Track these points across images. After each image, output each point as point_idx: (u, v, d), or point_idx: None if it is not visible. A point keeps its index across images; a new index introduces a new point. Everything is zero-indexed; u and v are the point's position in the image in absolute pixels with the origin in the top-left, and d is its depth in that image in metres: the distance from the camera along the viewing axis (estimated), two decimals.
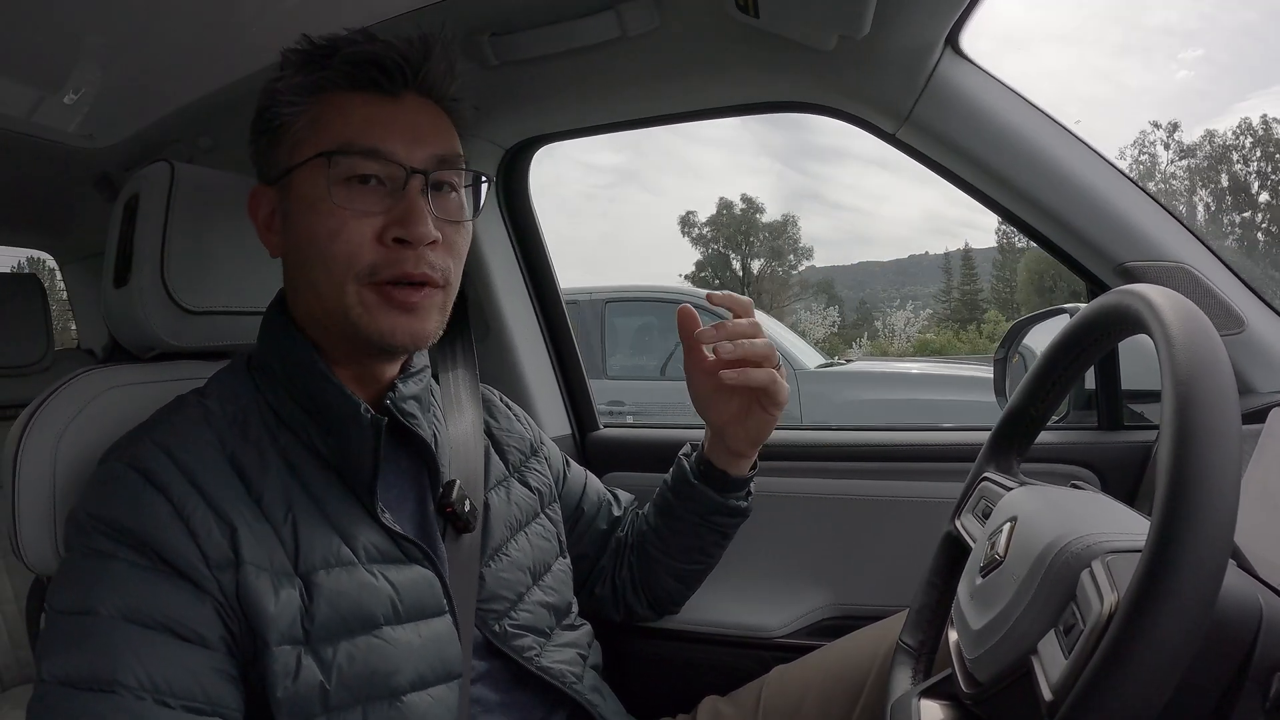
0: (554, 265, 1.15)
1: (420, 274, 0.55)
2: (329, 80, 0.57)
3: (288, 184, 0.58)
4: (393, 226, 0.55)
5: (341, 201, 0.54)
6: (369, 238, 0.55)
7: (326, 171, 0.55)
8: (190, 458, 0.53)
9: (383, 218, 0.55)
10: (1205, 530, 0.31)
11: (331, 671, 0.51)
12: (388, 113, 0.57)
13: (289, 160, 0.57)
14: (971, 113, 0.77)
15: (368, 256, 0.55)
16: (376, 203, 0.55)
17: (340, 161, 0.55)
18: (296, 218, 0.57)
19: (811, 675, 0.73)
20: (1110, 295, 0.46)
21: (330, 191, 0.54)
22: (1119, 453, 0.83)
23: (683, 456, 0.79)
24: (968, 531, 0.57)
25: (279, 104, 0.57)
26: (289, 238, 0.58)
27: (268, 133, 0.59)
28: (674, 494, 0.78)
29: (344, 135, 0.55)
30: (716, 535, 0.79)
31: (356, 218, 0.55)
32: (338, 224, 0.54)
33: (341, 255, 0.54)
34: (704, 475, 0.76)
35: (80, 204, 1.36)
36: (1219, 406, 0.33)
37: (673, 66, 0.83)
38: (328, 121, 0.56)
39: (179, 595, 0.49)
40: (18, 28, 0.85)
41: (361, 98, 0.57)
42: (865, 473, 0.94)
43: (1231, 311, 0.76)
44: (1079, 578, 0.38)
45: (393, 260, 0.55)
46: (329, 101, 0.57)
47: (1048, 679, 0.37)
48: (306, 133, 0.57)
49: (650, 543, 0.81)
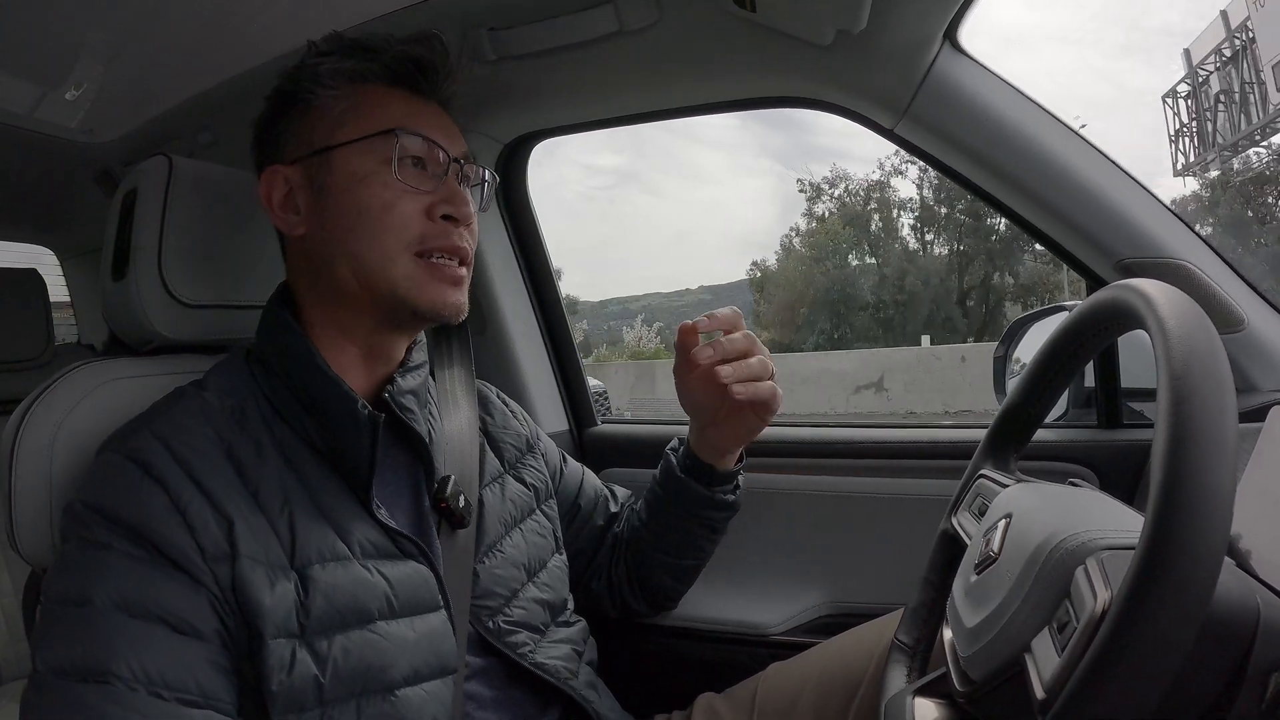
0: (552, 261, 1.14)
1: (464, 247, 0.61)
2: (372, 71, 0.61)
3: (325, 161, 0.59)
4: (441, 204, 0.60)
5: (402, 175, 0.59)
6: (419, 212, 0.59)
7: (389, 148, 0.58)
8: (188, 450, 0.53)
9: (430, 196, 0.60)
10: (1200, 526, 0.31)
11: (326, 665, 0.51)
12: (427, 110, 0.63)
13: (329, 138, 0.60)
14: (970, 108, 0.77)
15: (419, 227, 0.59)
16: (425, 182, 0.60)
17: (404, 139, 0.59)
18: (340, 193, 0.59)
19: (807, 673, 0.73)
20: (1107, 290, 0.45)
21: (392, 167, 0.58)
22: (1118, 451, 0.83)
23: (669, 451, 0.80)
24: (964, 529, 0.57)
25: (318, 84, 0.60)
26: (323, 214, 0.60)
27: (296, 112, 0.61)
28: (662, 489, 0.79)
29: (396, 120, 0.60)
30: (706, 530, 0.79)
31: (410, 193, 0.59)
32: (393, 197, 0.58)
33: (395, 226, 0.58)
34: (690, 470, 0.76)
35: (81, 199, 1.36)
36: (1215, 401, 0.33)
37: (671, 61, 0.83)
38: (372, 106, 0.60)
39: (174, 587, 0.49)
40: (20, 25, 0.85)
41: (401, 93, 0.62)
42: (862, 470, 0.94)
43: (1232, 309, 0.75)
44: (1073, 575, 0.38)
45: (440, 233, 0.60)
46: (370, 91, 0.61)
47: (1040, 677, 0.36)
48: (350, 114, 0.60)
49: (643, 539, 0.81)
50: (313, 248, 0.61)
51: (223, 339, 0.71)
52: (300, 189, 0.60)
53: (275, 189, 0.61)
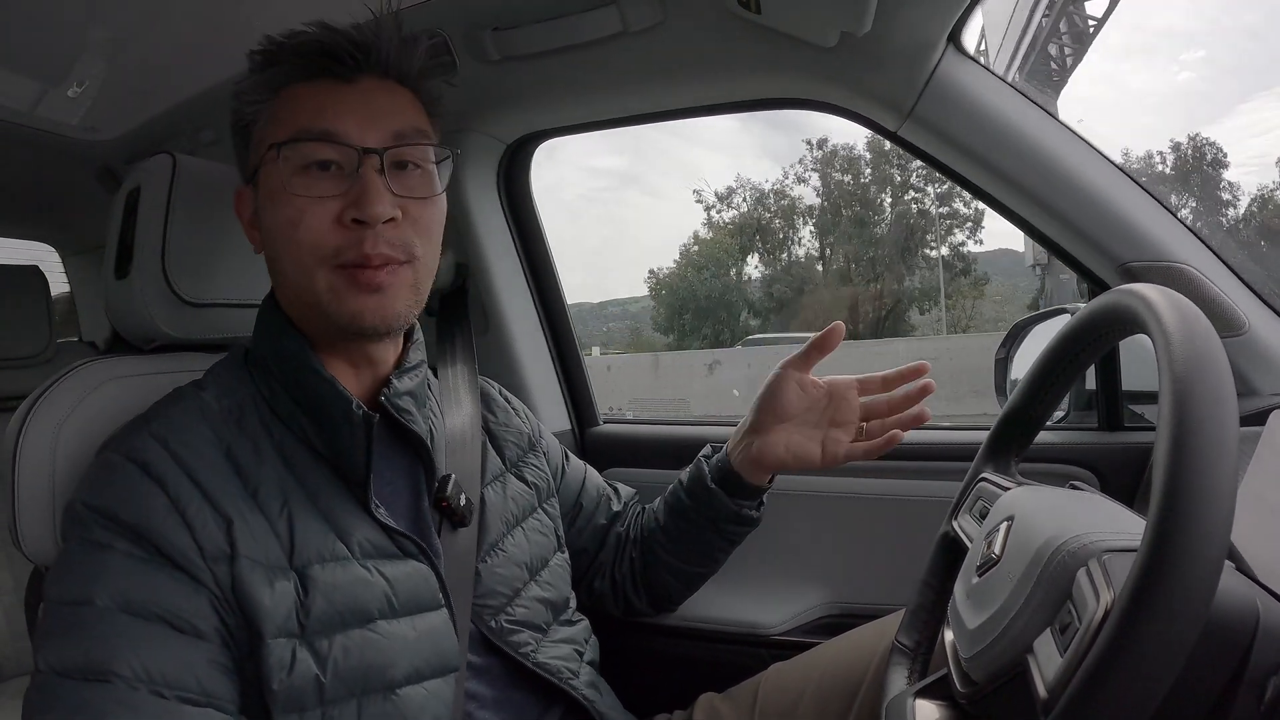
0: (554, 260, 1.15)
1: (378, 254, 0.55)
2: (284, 75, 0.57)
3: (257, 181, 0.59)
4: (349, 208, 0.55)
5: (299, 190, 0.55)
6: (329, 222, 0.55)
7: (288, 161, 0.55)
8: (187, 450, 0.53)
9: (340, 200, 0.55)
10: (1201, 528, 0.31)
11: (327, 664, 0.51)
12: (340, 97, 0.57)
13: (256, 158, 0.58)
14: (973, 110, 0.77)
15: (331, 240, 0.55)
16: (333, 187, 0.55)
17: (292, 150, 0.55)
18: (265, 213, 0.58)
19: (809, 674, 0.73)
20: (1109, 295, 0.46)
21: (289, 181, 0.55)
22: (1119, 454, 0.83)
23: (702, 459, 0.79)
24: (965, 532, 0.57)
25: (243, 104, 0.59)
26: (263, 233, 0.59)
27: (239, 134, 0.61)
28: (688, 495, 0.78)
29: (297, 124, 0.56)
30: (724, 542, 0.79)
31: (314, 204, 0.55)
32: (296, 212, 0.55)
33: (306, 242, 0.55)
34: (723, 481, 0.76)
35: (83, 196, 1.36)
36: (1216, 404, 0.33)
37: (674, 62, 0.83)
38: (284, 115, 0.57)
39: (175, 587, 0.49)
40: (23, 22, 0.85)
41: (316, 87, 0.57)
42: (864, 471, 0.94)
43: (1233, 313, 0.75)
44: (1075, 577, 0.38)
45: (353, 241, 0.55)
46: (287, 95, 0.57)
47: (1043, 678, 0.37)
48: (267, 129, 0.58)
49: (657, 541, 0.80)
50: (269, 265, 0.61)
51: (226, 337, 0.71)
52: (256, 208, 0.60)
53: (244, 209, 0.62)
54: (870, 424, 0.73)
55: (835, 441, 0.72)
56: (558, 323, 1.15)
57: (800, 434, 0.73)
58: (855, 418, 0.73)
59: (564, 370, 1.15)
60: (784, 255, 25.33)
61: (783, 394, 0.72)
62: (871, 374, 0.72)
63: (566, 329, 1.15)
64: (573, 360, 1.16)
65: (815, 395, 0.73)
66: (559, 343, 1.15)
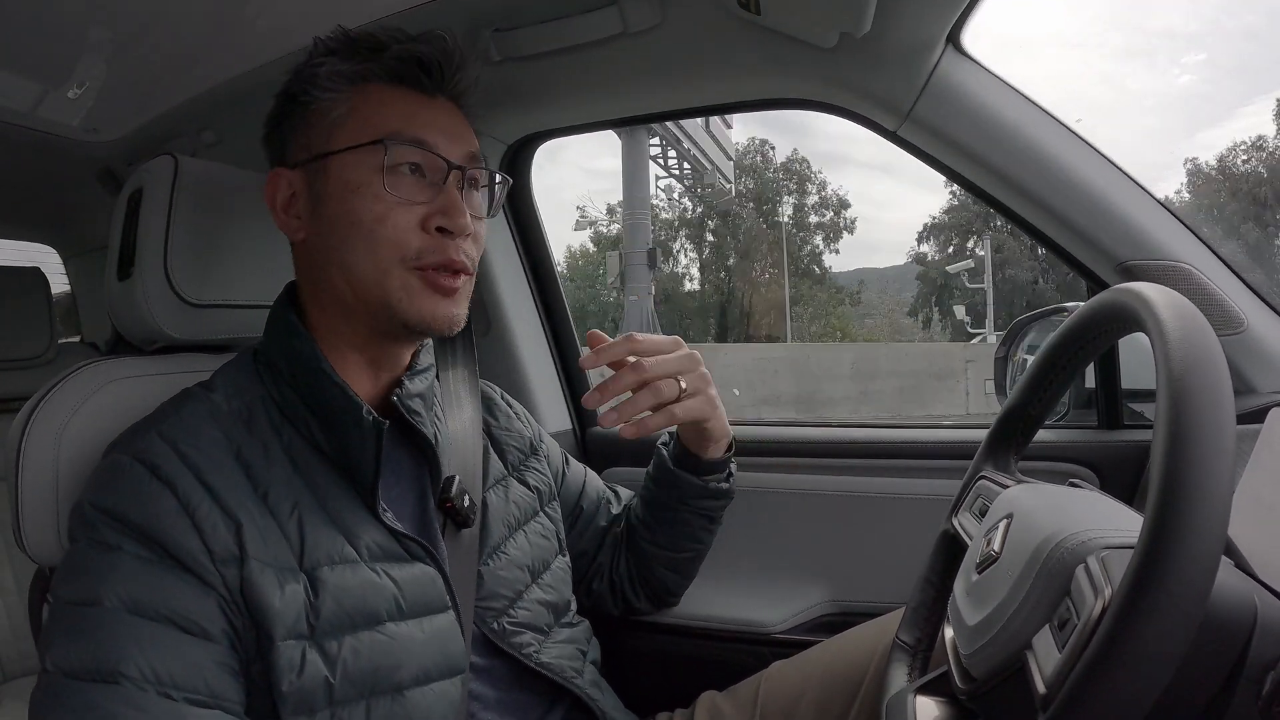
0: (555, 261, 1.15)
1: (460, 261, 0.59)
2: (372, 72, 0.59)
3: (323, 167, 0.58)
4: (436, 216, 0.57)
5: (391, 188, 0.57)
6: (414, 225, 0.57)
7: (381, 158, 0.56)
8: (196, 452, 0.53)
9: (425, 207, 0.58)
10: (1198, 525, 0.31)
11: (336, 666, 0.51)
12: (429, 110, 0.60)
13: (326, 144, 0.58)
14: (973, 111, 0.77)
15: (414, 242, 0.57)
16: (420, 192, 0.58)
17: (394, 149, 0.57)
18: (335, 202, 0.58)
19: (810, 672, 0.73)
20: (1107, 293, 0.46)
21: (382, 177, 0.56)
22: (1118, 452, 0.83)
23: (661, 446, 0.80)
24: (965, 529, 0.57)
25: (316, 87, 0.58)
26: (320, 221, 0.59)
27: (297, 115, 0.60)
28: (655, 483, 0.79)
29: (391, 125, 0.57)
30: (703, 520, 0.79)
31: (403, 205, 0.57)
32: (385, 209, 0.57)
33: (388, 239, 0.57)
34: (681, 462, 0.77)
35: (84, 198, 1.37)
36: (1213, 401, 0.33)
37: (674, 62, 0.83)
38: (370, 111, 0.58)
39: (183, 588, 0.49)
40: (23, 23, 0.85)
41: (402, 93, 0.59)
42: (864, 469, 0.95)
43: (1232, 311, 0.76)
44: (1073, 574, 0.38)
45: (435, 247, 0.58)
46: (370, 92, 0.59)
47: (1041, 674, 0.37)
48: (347, 119, 0.58)
49: (640, 535, 0.81)
50: (313, 253, 0.60)
51: (229, 339, 0.71)
52: (301, 194, 0.60)
53: (279, 191, 0.61)
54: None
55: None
56: (558, 323, 1.15)
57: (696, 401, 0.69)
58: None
59: (565, 371, 1.16)
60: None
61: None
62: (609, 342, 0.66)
63: (568, 329, 1.16)
64: (574, 361, 1.16)
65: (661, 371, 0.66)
66: (560, 343, 1.15)
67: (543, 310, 1.14)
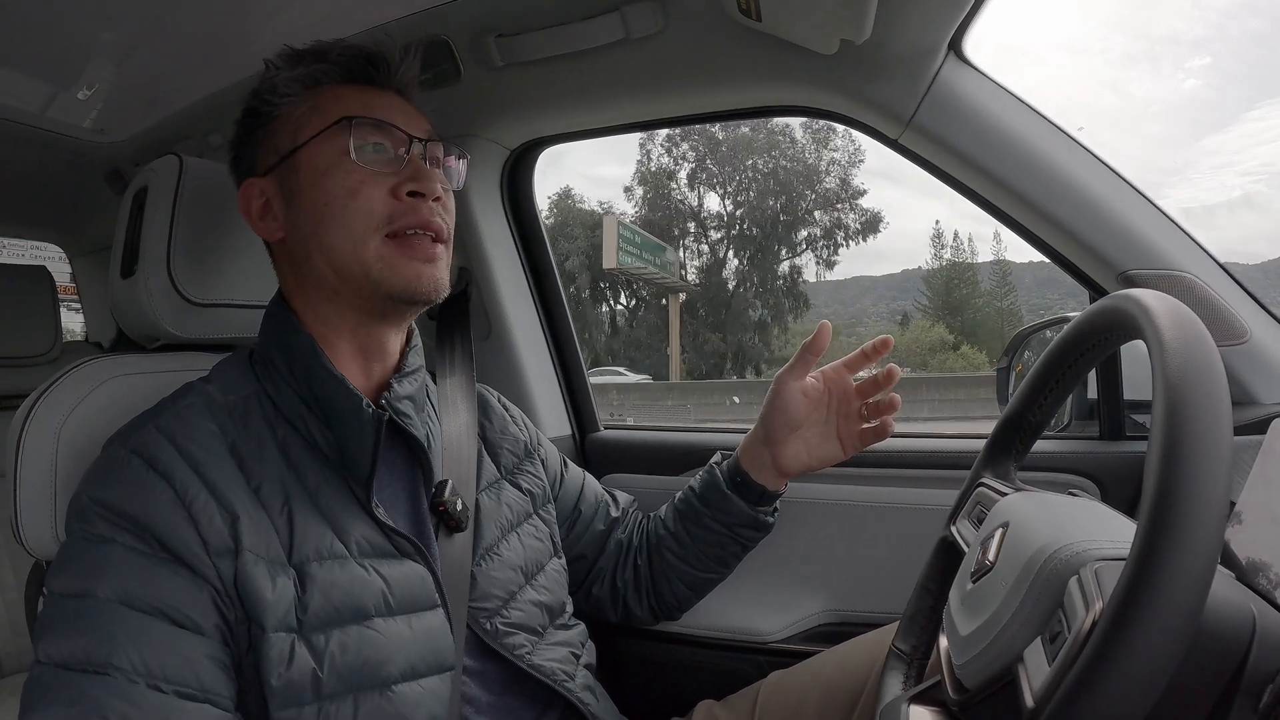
0: (556, 266, 1.15)
1: (435, 223, 0.60)
2: (324, 73, 0.62)
3: (293, 164, 0.60)
4: (406, 182, 0.60)
5: (361, 161, 0.59)
6: (384, 194, 0.59)
7: (346, 138, 0.59)
8: (193, 445, 0.53)
9: (394, 177, 0.60)
10: (1191, 539, 0.30)
11: (324, 659, 0.51)
12: (382, 99, 0.63)
13: (293, 141, 0.60)
14: (974, 118, 0.77)
15: (386, 208, 0.59)
16: (387, 165, 0.60)
17: (358, 127, 0.59)
18: (308, 190, 0.59)
19: (809, 682, 0.73)
20: (1106, 300, 0.45)
21: (350, 153, 0.59)
22: (1120, 463, 0.82)
23: (714, 465, 0.79)
24: (962, 537, 0.57)
25: (277, 95, 0.61)
26: (296, 213, 0.60)
27: (262, 126, 0.62)
28: (702, 501, 0.78)
29: (352, 111, 0.60)
30: (738, 547, 0.79)
31: (372, 177, 0.59)
32: (356, 183, 0.58)
33: (361, 211, 0.58)
34: (738, 486, 0.76)
35: (91, 198, 1.38)
36: (1210, 411, 0.32)
37: (676, 69, 0.84)
38: (329, 105, 0.60)
39: (176, 582, 0.49)
40: (33, 25, 0.86)
41: (357, 89, 0.62)
42: (864, 478, 0.94)
43: (1235, 321, 0.75)
44: (1066, 585, 0.38)
45: (409, 209, 0.59)
46: (326, 92, 0.61)
47: (1031, 687, 0.36)
48: (310, 116, 0.60)
49: (668, 548, 0.80)
50: (292, 248, 0.61)
51: (230, 338, 0.72)
52: (274, 197, 0.61)
53: (252, 200, 0.62)
54: (868, 405, 0.75)
55: (849, 433, 0.75)
56: (559, 328, 1.15)
57: (816, 435, 0.75)
58: (855, 401, 0.75)
59: (565, 376, 1.16)
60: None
61: (789, 405, 0.74)
62: (851, 354, 0.74)
63: (568, 335, 1.16)
64: (574, 366, 1.16)
65: (817, 396, 0.75)
66: (560, 348, 1.15)
67: (544, 315, 1.14)
